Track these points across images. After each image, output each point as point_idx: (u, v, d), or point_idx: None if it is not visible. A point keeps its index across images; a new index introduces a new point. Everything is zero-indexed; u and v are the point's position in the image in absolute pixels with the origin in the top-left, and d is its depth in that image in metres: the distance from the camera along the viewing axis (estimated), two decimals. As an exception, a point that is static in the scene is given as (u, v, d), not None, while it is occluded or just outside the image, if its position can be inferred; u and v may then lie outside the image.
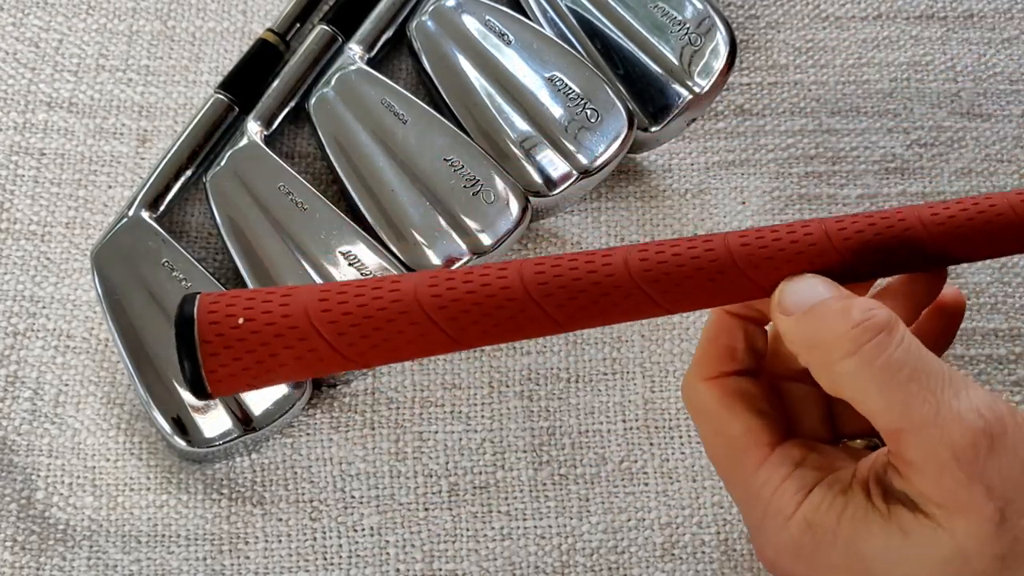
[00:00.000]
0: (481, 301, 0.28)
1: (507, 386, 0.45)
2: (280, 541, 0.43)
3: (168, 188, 0.45)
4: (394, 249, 0.44)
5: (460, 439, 0.44)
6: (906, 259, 0.30)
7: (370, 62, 0.48)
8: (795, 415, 0.33)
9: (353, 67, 0.47)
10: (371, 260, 0.43)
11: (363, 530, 0.43)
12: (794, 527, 0.28)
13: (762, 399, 0.31)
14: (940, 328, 0.35)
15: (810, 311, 0.28)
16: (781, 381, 0.33)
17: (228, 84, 0.47)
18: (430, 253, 0.44)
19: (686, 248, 0.29)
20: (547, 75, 0.46)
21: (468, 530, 0.43)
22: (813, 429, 0.33)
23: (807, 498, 0.28)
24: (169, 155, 0.46)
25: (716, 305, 0.30)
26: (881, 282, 0.34)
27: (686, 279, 0.28)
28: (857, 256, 0.29)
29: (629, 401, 0.45)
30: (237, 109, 0.47)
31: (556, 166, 0.45)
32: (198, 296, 0.27)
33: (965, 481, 0.25)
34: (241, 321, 0.27)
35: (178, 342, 0.26)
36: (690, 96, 0.45)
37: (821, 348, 0.27)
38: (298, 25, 0.50)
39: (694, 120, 0.48)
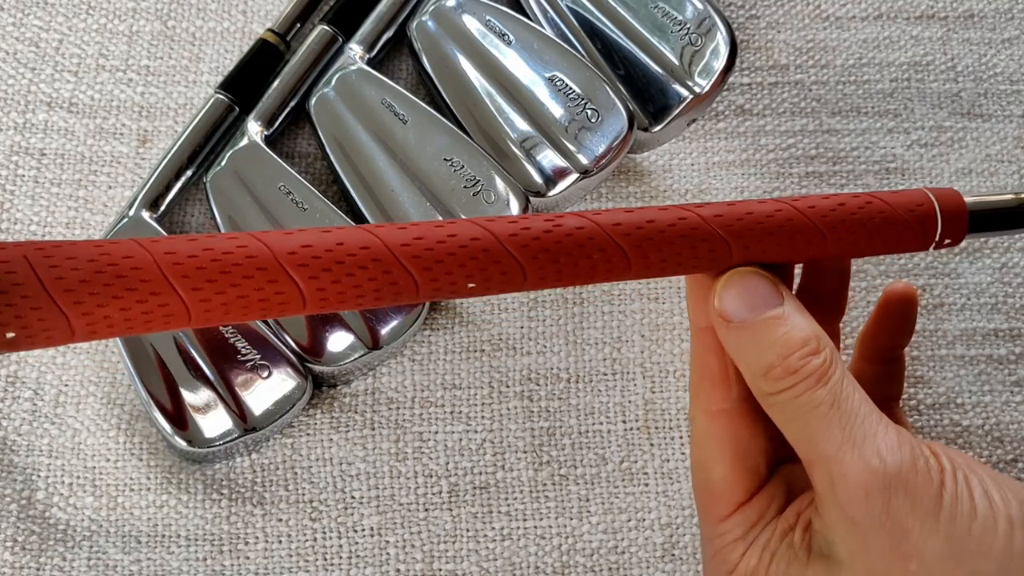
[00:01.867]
0: (344, 258, 0.26)
1: (507, 386, 0.45)
2: (280, 541, 0.43)
3: (168, 188, 0.45)
4: (394, 249, 0.44)
5: (460, 439, 0.44)
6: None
7: (370, 62, 0.48)
8: (782, 436, 0.33)
9: (353, 67, 0.47)
10: (371, 260, 0.43)
11: (363, 530, 0.43)
12: None
13: (754, 449, 0.31)
14: (897, 322, 0.36)
15: (751, 328, 0.28)
16: None
17: (228, 84, 0.47)
18: (430, 253, 0.44)
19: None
20: (547, 75, 0.46)
21: (468, 530, 0.43)
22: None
23: (744, 555, 0.30)
24: (169, 155, 0.46)
25: (688, 271, 0.29)
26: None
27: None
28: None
29: (629, 402, 0.45)
30: (237, 109, 0.47)
31: (556, 166, 0.45)
32: None
33: (854, 519, 0.26)
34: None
35: None
36: (690, 96, 0.45)
37: (753, 374, 0.28)
38: (298, 25, 0.50)
39: (694, 120, 0.48)
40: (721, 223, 0.28)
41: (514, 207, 0.44)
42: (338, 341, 0.42)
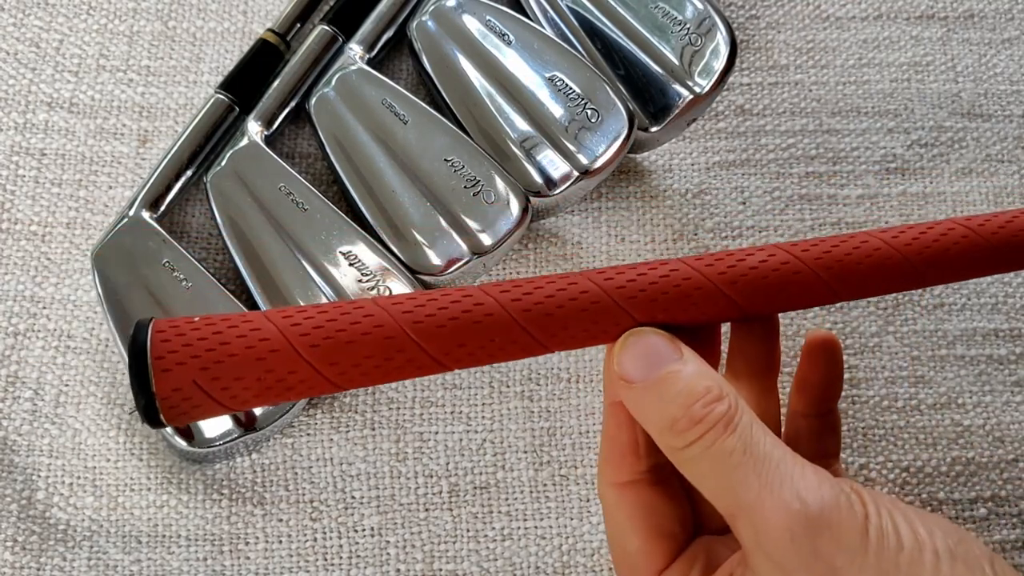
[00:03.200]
0: (458, 316, 0.27)
1: (508, 387, 0.45)
2: (280, 541, 0.43)
3: (168, 188, 0.45)
4: (394, 249, 0.44)
5: (461, 440, 0.44)
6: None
7: (370, 62, 0.48)
8: (700, 508, 0.33)
9: (353, 67, 0.47)
10: (371, 260, 0.43)
11: (364, 530, 0.43)
12: None
13: (667, 515, 0.31)
14: (823, 371, 0.35)
15: (652, 386, 0.28)
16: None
17: (228, 84, 0.47)
18: (430, 253, 0.44)
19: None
20: (547, 75, 0.46)
21: (469, 530, 0.43)
22: (716, 522, 0.32)
23: None
24: (169, 155, 0.46)
25: (601, 342, 0.29)
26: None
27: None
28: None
29: (629, 401, 0.45)
30: (237, 109, 0.47)
31: (556, 166, 0.45)
32: (152, 320, 0.26)
33: (783, 566, 0.26)
34: (196, 318, 0.26)
35: (131, 369, 0.25)
36: (690, 96, 0.45)
37: (660, 431, 0.28)
38: (298, 25, 0.50)
39: (694, 120, 0.48)
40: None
41: (514, 207, 0.44)
42: (338, 341, 0.42)
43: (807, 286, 0.29)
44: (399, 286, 0.43)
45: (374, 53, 0.48)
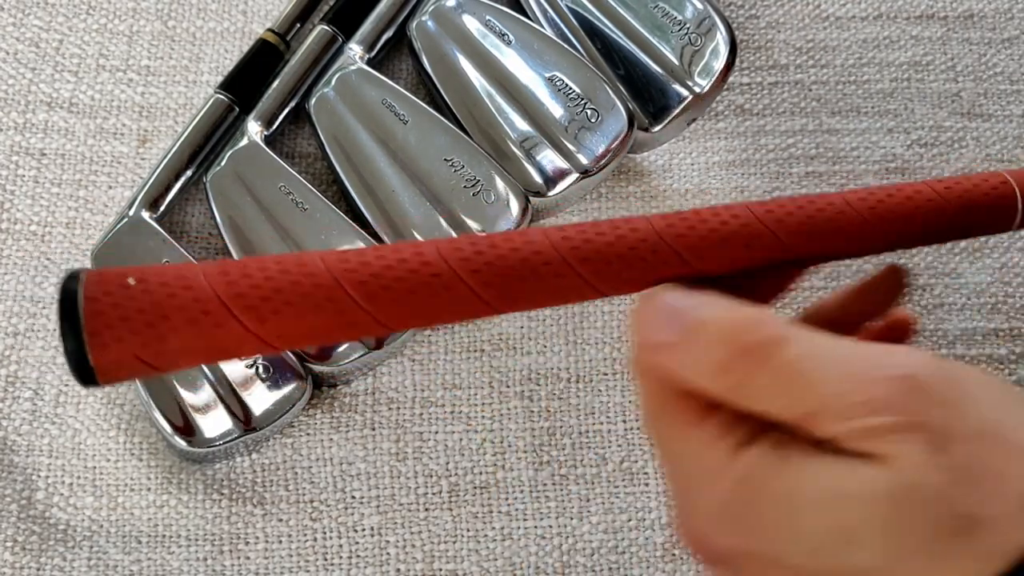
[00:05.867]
0: (405, 276, 0.25)
1: (507, 386, 0.45)
2: (280, 541, 0.43)
3: (168, 188, 0.45)
4: (394, 249, 0.44)
5: (460, 439, 0.44)
6: (837, 245, 0.28)
7: (370, 62, 0.48)
8: None
9: (353, 67, 0.47)
10: (371, 260, 0.43)
11: (363, 530, 0.43)
12: (727, 483, 0.26)
13: None
14: (887, 291, 0.33)
15: (689, 339, 0.26)
16: None
17: (228, 84, 0.47)
18: (430, 253, 0.44)
19: (611, 229, 0.27)
20: (547, 75, 0.46)
21: (468, 530, 0.43)
22: None
23: (743, 453, 0.26)
24: (169, 155, 0.46)
25: (649, 286, 0.28)
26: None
27: (618, 258, 0.26)
28: (793, 237, 0.28)
29: (629, 401, 0.45)
30: (237, 109, 0.47)
31: (556, 166, 0.45)
32: (84, 271, 0.24)
33: (892, 426, 0.24)
34: (131, 281, 0.24)
35: (61, 319, 0.23)
36: (690, 96, 0.45)
37: (715, 378, 0.26)
38: (298, 25, 0.50)
39: (694, 120, 0.48)
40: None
41: (514, 207, 0.44)
42: (338, 341, 0.42)
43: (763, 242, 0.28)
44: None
45: (374, 53, 0.48)
